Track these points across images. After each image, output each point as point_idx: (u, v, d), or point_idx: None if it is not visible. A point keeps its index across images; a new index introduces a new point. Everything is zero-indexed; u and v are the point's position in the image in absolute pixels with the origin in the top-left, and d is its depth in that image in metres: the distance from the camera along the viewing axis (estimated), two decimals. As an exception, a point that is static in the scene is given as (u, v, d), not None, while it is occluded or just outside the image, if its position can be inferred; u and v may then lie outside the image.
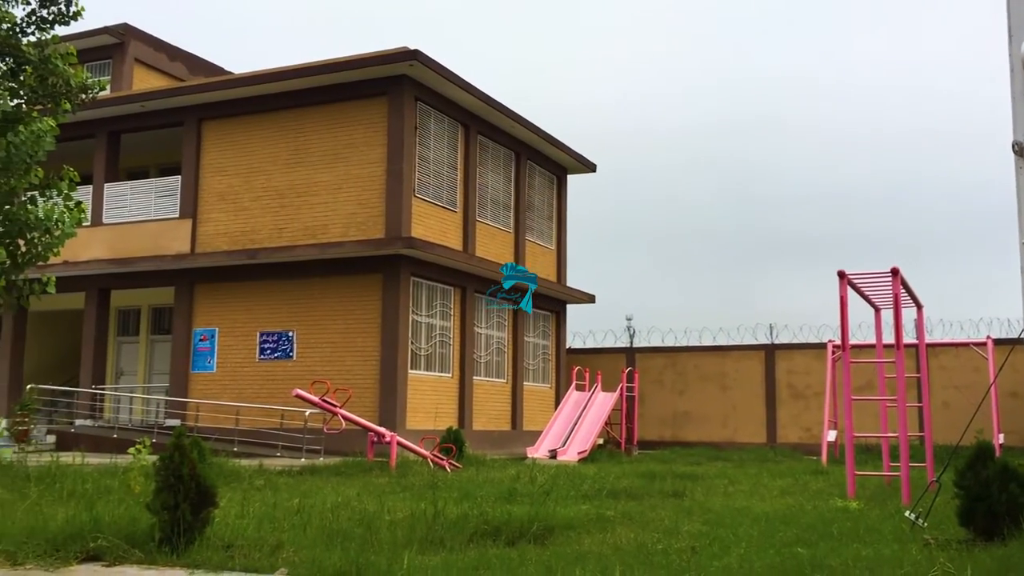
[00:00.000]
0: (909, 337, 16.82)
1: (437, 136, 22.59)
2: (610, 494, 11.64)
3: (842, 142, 69.49)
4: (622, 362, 29.24)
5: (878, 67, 73.64)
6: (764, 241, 69.89)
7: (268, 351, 21.91)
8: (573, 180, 29.93)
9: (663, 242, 72.47)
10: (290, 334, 21.71)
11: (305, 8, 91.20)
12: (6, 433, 17.67)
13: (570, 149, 27.89)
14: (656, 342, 29.84)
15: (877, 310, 13.59)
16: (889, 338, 13.02)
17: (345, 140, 21.79)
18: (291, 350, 21.65)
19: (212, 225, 22.98)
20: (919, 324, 14.14)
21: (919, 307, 13.62)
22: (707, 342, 29.20)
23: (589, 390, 24.22)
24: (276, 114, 22.60)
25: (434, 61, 21.03)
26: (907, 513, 8.54)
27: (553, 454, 20.94)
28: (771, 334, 28.60)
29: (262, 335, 22.02)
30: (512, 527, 7.89)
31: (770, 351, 28.44)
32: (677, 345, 29.49)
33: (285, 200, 22.25)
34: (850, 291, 11.94)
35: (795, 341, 28.32)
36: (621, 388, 25.05)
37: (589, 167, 29.40)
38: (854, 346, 15.92)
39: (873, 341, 14.64)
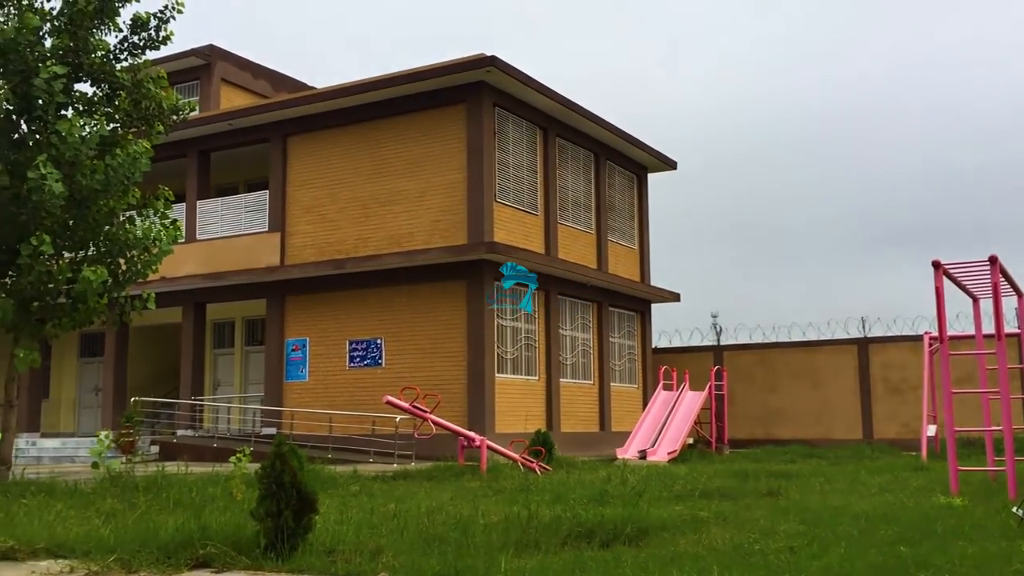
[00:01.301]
0: (1010, 327, 16.23)
1: (516, 140, 22.71)
2: (703, 494, 11.53)
3: (932, 128, 67.42)
4: (710, 360, 28.91)
5: (962, 49, 71.23)
6: (852, 232, 68.26)
7: (358, 359, 22.32)
8: (654, 179, 29.75)
9: (747, 237, 71.35)
10: (378, 341, 22.08)
11: (380, 20, 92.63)
12: (113, 445, 18.39)
13: (650, 147, 27.72)
14: (744, 339, 29.46)
15: (975, 300, 13.16)
16: (989, 328, 12.60)
17: (426, 148, 22.08)
18: (380, 357, 22.01)
19: (300, 237, 23.53)
20: (1020, 313, 13.64)
21: (1020, 295, 13.15)
22: (797, 338, 28.69)
23: (677, 389, 24.00)
24: (358, 126, 23.03)
25: (511, 66, 21.16)
26: (1014, 509, 8.26)
27: (643, 455, 20.82)
28: (863, 328, 27.96)
29: (351, 343, 22.45)
30: (606, 529, 7.89)
31: (863, 345, 27.77)
32: (766, 342, 29.04)
33: (369, 210, 22.65)
34: (946, 281, 11.60)
35: (889, 334, 27.61)
36: (710, 387, 24.77)
37: (670, 165, 29.17)
38: (952, 337, 15.45)
39: (972, 332, 14.17)
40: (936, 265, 11.40)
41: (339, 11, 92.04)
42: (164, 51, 15.39)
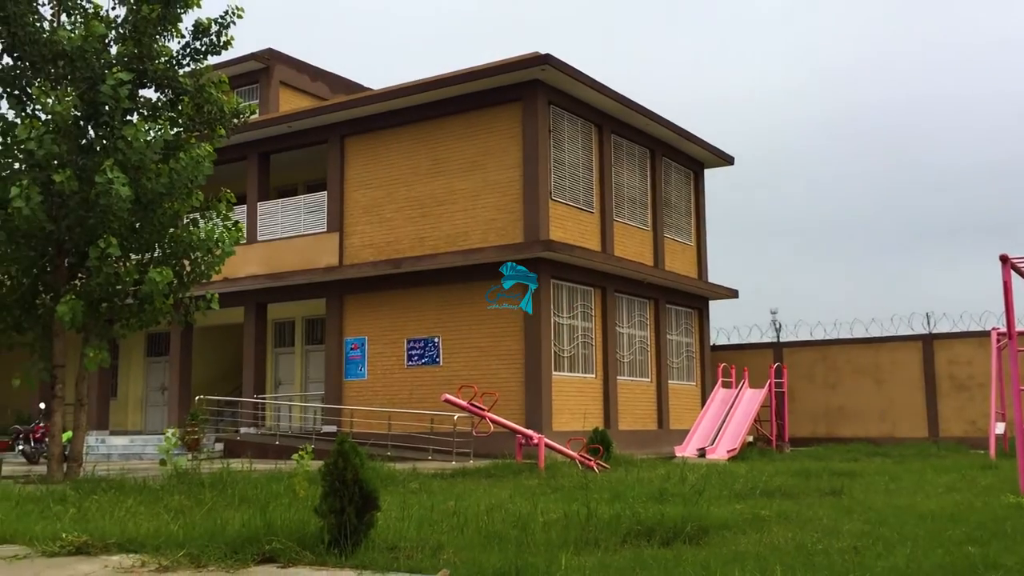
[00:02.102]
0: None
1: (571, 138, 22.68)
2: (764, 493, 11.41)
3: (1000, 120, 65.68)
4: (769, 357, 28.56)
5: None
6: (915, 227, 66.85)
7: (415, 357, 22.50)
8: (710, 174, 29.48)
9: (806, 233, 70.28)
10: (436, 340, 22.23)
11: (435, 21, 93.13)
12: (179, 442, 18.81)
13: (706, 143, 27.47)
14: (804, 336, 29.04)
15: (1045, 294, 12.81)
16: (1060, 324, 12.26)
17: (481, 147, 22.17)
18: (437, 356, 22.16)
19: (358, 237, 23.79)
20: (1093, 308, 13.24)
21: (1093, 289, 12.77)
22: (859, 334, 28.21)
23: (736, 387, 23.77)
24: (414, 126, 23.21)
25: (566, 64, 21.13)
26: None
27: (702, 453, 20.66)
28: (928, 323, 27.37)
29: (409, 342, 22.64)
30: (666, 527, 7.86)
31: (928, 341, 27.21)
32: (827, 338, 28.61)
33: (426, 209, 22.81)
34: (1014, 276, 11.32)
35: (955, 330, 27.01)
36: (769, 384, 24.48)
37: (727, 160, 28.88)
38: (1021, 333, 15.05)
39: (1042, 327, 13.80)
40: (1004, 259, 11.14)
41: (388, 11, 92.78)
42: (224, 56, 15.74)
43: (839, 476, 13.80)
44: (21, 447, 22.99)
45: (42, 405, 21.90)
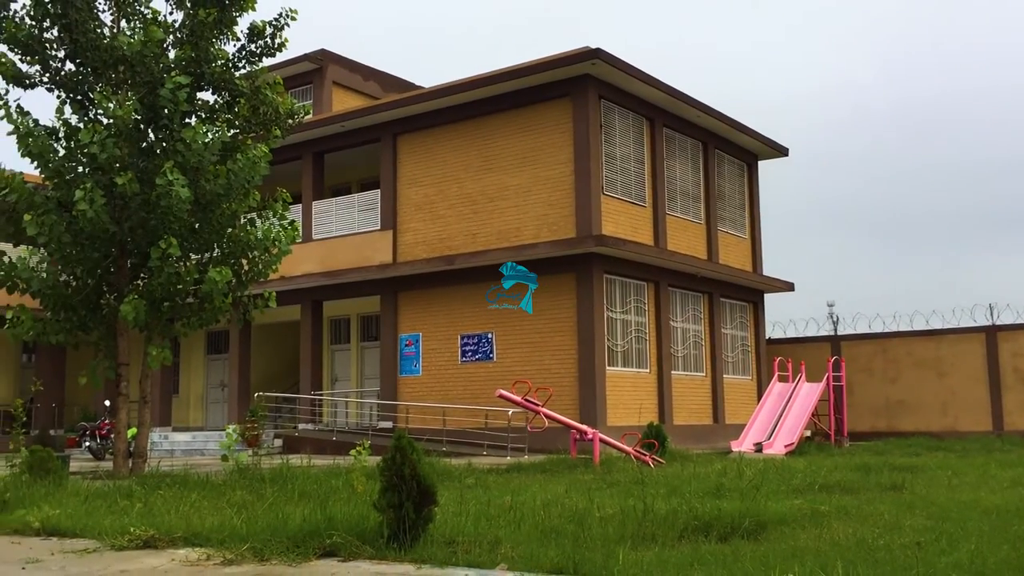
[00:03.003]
0: None
1: (622, 132, 22.59)
2: (823, 488, 11.28)
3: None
4: (827, 351, 28.15)
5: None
6: (976, 216, 65.33)
7: (469, 353, 22.61)
8: (764, 166, 29.14)
9: (864, 225, 69.09)
10: (489, 336, 22.32)
11: (485, 17, 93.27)
12: (240, 438, 19.14)
13: (759, 134, 27.16)
14: (863, 328, 28.59)
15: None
16: None
17: (532, 143, 22.18)
18: (491, 351, 22.25)
19: (411, 235, 23.97)
20: None
21: None
22: (919, 326, 27.67)
23: (792, 381, 23.48)
24: (465, 123, 23.31)
25: (616, 58, 21.05)
26: None
27: (758, 447, 20.46)
28: (991, 315, 26.76)
29: (463, 338, 22.76)
30: (723, 523, 7.82)
31: (991, 333, 26.60)
32: (886, 331, 28.11)
33: (478, 206, 22.90)
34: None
35: (1020, 321, 26.36)
36: (827, 378, 24.13)
37: (780, 151, 28.52)
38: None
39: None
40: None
41: (438, 9, 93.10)
42: (279, 57, 15.96)
43: (900, 471, 13.58)
44: (88, 443, 23.63)
45: (107, 402, 22.49)
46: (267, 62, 15.65)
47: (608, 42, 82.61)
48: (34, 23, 14.14)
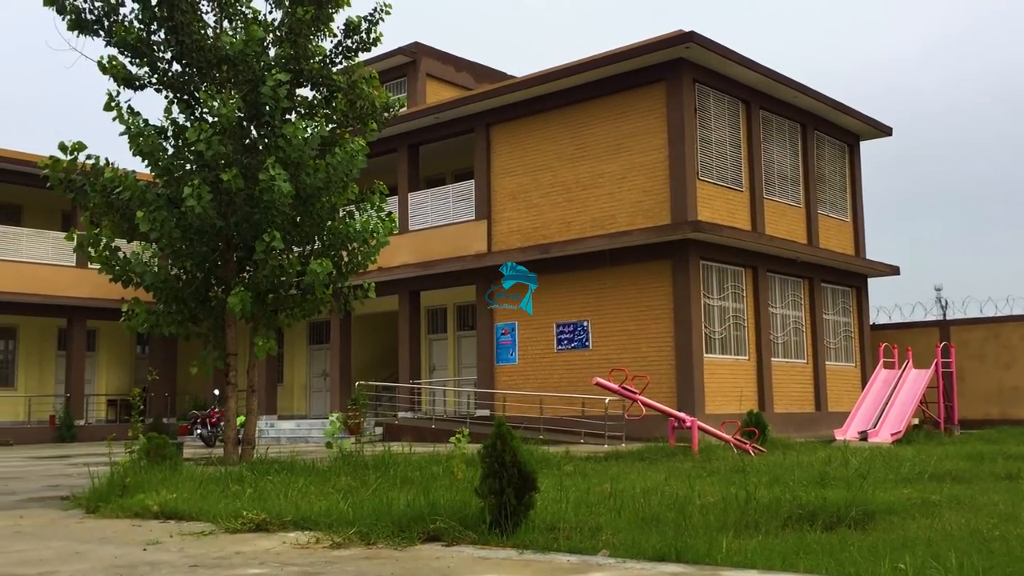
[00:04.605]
0: None
1: (718, 116, 22.22)
2: (933, 477, 10.94)
3: None
4: (935, 336, 27.20)
5: None
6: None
7: (565, 341, 22.64)
8: (867, 147, 28.30)
9: (973, 206, 66.40)
10: (585, 324, 22.30)
11: (575, 4, 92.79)
12: (342, 426, 19.62)
13: (861, 114, 26.37)
14: (973, 313, 27.52)
15: None
16: None
17: (626, 129, 22.02)
18: (587, 339, 22.23)
19: (505, 224, 24.10)
20: None
21: None
22: (1034, 310, 26.51)
23: (899, 367, 22.77)
24: (558, 111, 23.28)
25: (711, 41, 20.71)
26: None
27: (863, 436, 19.92)
28: (1113, 297, 25.41)
29: (558, 326, 22.79)
30: (828, 512, 7.66)
31: (1113, 316, 25.31)
32: (999, 315, 26.99)
33: (572, 194, 22.86)
34: None
35: None
36: (936, 364, 23.32)
37: (884, 131, 27.64)
38: None
39: None
40: None
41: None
42: (373, 51, 16.18)
43: (1015, 460, 13.05)
44: (199, 431, 24.56)
45: (216, 391, 23.30)
46: (363, 57, 15.90)
47: (701, 21, 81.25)
48: (142, 26, 14.66)
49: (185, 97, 15.07)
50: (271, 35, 15.16)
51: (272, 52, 15.04)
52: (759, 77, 22.46)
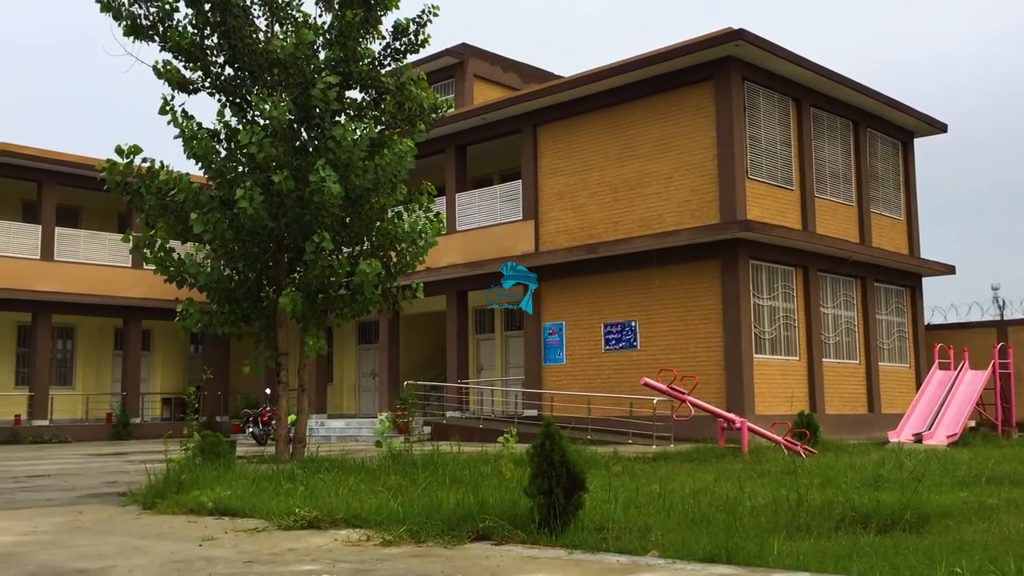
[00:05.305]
0: None
1: (767, 114, 21.99)
2: (990, 480, 10.73)
3: None
4: (992, 337, 26.61)
5: None
6: None
7: (612, 341, 22.57)
8: (921, 144, 27.79)
9: (1031, 201, 64.82)
10: (633, 324, 22.21)
11: (621, 4, 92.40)
12: (391, 425, 19.77)
13: (915, 110, 25.91)
14: (1032, 312, 26.87)
15: None
16: None
17: (673, 128, 21.89)
18: (635, 340, 22.14)
19: (553, 224, 24.09)
20: None
21: None
22: (1096, 310, 25.80)
23: (954, 368, 22.34)
24: (604, 111, 23.21)
25: (760, 38, 20.50)
26: None
27: (918, 438, 19.58)
28: None
29: (606, 326, 22.73)
30: (882, 514, 7.55)
31: None
32: (1058, 315, 26.35)
33: (619, 194, 22.79)
34: None
35: None
36: (993, 365, 22.85)
37: (939, 128, 27.13)
38: None
39: None
40: None
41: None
42: (421, 53, 16.29)
43: (1076, 464, 12.74)
44: (251, 429, 24.93)
45: (268, 390, 23.63)
46: (411, 59, 16.02)
47: (751, 18, 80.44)
48: (196, 31, 14.93)
49: (237, 100, 15.30)
50: (321, 38, 15.34)
51: (322, 55, 15.22)
52: (809, 74, 22.17)
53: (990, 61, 70.86)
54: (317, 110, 14.52)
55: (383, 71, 15.64)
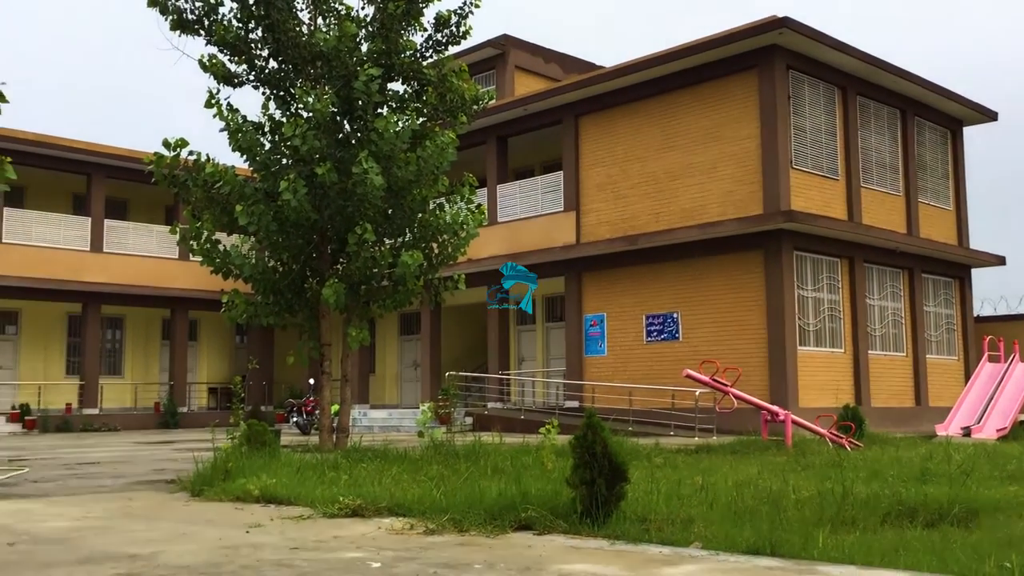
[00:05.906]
0: None
1: (812, 103, 21.71)
2: (1041, 475, 10.53)
3: None
4: (1043, 329, 26.10)
5: None
6: None
7: (654, 333, 22.47)
8: (970, 132, 27.29)
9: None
10: (675, 315, 22.09)
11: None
12: (433, 416, 19.89)
13: (964, 98, 25.42)
14: (1085, 304, 26.28)
15: None
16: None
17: (716, 118, 21.70)
18: (677, 331, 22.02)
19: (594, 215, 24.02)
20: None
21: None
22: None
23: (1005, 361, 21.91)
24: (646, 101, 23.08)
25: (805, 26, 20.24)
26: None
27: (966, 432, 19.25)
28: None
29: (648, 318, 22.63)
30: (929, 508, 7.46)
31: None
32: (1112, 307, 25.74)
33: (661, 185, 22.65)
34: None
35: None
36: (1044, 358, 22.37)
37: (989, 116, 26.60)
38: None
39: None
40: None
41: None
42: (463, 44, 16.30)
43: None
44: (295, 419, 25.21)
45: (311, 381, 23.88)
46: (452, 50, 16.04)
47: (797, 5, 79.29)
48: (240, 25, 15.08)
49: (281, 93, 15.42)
50: (363, 31, 15.40)
51: (364, 47, 15.28)
52: (855, 62, 21.85)
53: (1043, 47, 69.22)
54: (360, 102, 14.58)
55: (425, 63, 15.67)
